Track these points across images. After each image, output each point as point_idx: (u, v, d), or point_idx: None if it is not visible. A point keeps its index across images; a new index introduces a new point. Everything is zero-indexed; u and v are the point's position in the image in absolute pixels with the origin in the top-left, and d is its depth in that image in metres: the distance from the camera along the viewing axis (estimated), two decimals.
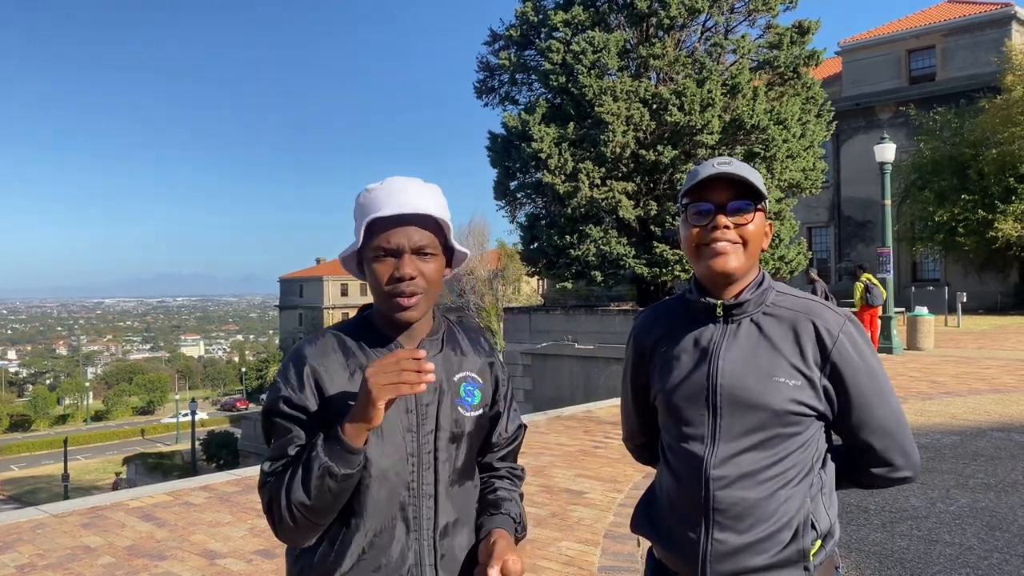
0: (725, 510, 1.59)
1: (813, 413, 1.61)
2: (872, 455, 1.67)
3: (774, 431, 1.59)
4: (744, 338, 1.65)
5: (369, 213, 1.52)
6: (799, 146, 21.02)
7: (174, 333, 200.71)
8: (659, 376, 1.74)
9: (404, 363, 1.40)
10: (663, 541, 1.70)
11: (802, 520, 1.58)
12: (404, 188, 1.54)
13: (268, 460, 1.52)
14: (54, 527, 5.30)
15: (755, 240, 1.64)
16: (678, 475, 1.67)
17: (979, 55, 30.48)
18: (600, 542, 4.81)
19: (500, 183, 23.41)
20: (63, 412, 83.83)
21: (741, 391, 1.61)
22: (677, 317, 1.75)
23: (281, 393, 1.52)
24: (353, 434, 1.42)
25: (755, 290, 1.66)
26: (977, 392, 10.58)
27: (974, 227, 26.24)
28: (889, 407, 1.64)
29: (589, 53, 20.36)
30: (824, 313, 1.64)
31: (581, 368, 21.57)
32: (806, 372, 1.60)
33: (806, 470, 1.61)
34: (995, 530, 4.93)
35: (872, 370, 1.63)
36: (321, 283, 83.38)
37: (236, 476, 6.91)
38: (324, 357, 1.55)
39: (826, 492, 1.65)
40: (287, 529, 1.49)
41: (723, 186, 1.63)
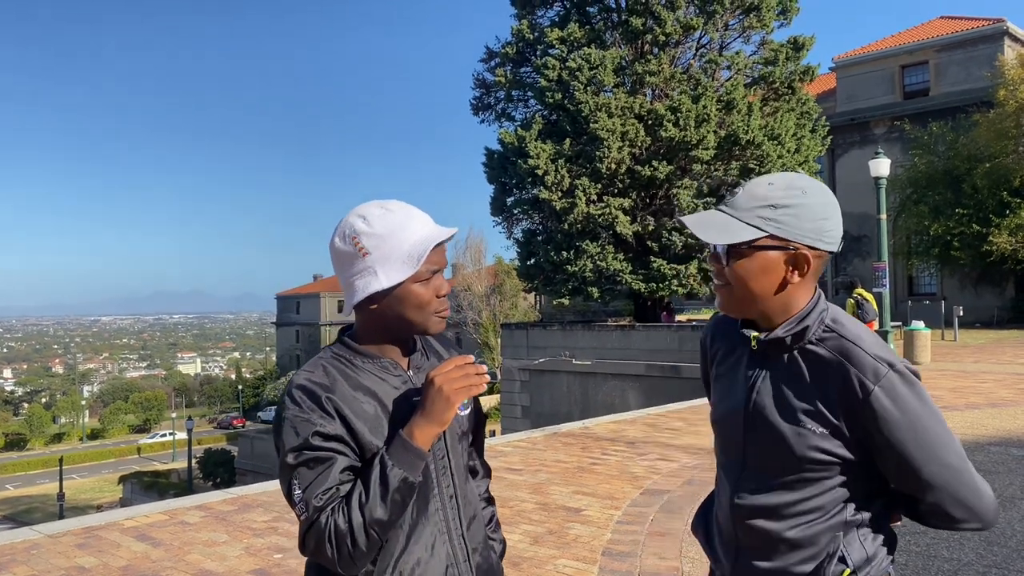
0: (749, 537, 1.60)
1: (839, 462, 1.51)
2: (925, 507, 1.54)
3: (798, 474, 1.54)
4: (778, 375, 1.57)
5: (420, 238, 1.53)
6: (794, 161, 21.13)
7: (170, 351, 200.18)
8: (713, 391, 1.75)
9: (465, 368, 1.48)
10: (710, 553, 1.74)
11: (830, 552, 1.53)
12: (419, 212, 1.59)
13: (318, 494, 1.45)
14: (48, 548, 5.27)
15: (748, 282, 1.54)
16: (719, 493, 1.71)
17: (972, 70, 30.70)
18: (598, 560, 4.79)
19: (497, 199, 23.49)
20: (59, 431, 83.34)
21: (768, 430, 1.56)
22: (732, 334, 1.69)
23: (312, 428, 1.47)
24: (423, 439, 1.47)
25: (793, 325, 1.55)
26: (974, 406, 10.57)
27: (969, 241, 26.33)
28: (939, 462, 1.48)
29: (585, 70, 20.48)
30: (862, 359, 1.49)
31: (578, 384, 21.54)
32: (833, 422, 1.50)
33: (836, 508, 1.54)
34: (993, 545, 4.92)
35: (916, 423, 1.46)
36: (318, 300, 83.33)
37: (233, 495, 6.87)
38: (333, 387, 1.53)
39: (868, 526, 1.57)
40: (359, 555, 1.44)
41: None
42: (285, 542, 5.29)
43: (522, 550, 5.00)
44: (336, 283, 35.37)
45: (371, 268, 1.53)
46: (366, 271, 1.53)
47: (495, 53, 24.14)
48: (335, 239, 1.57)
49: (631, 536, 5.19)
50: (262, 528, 5.67)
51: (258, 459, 42.05)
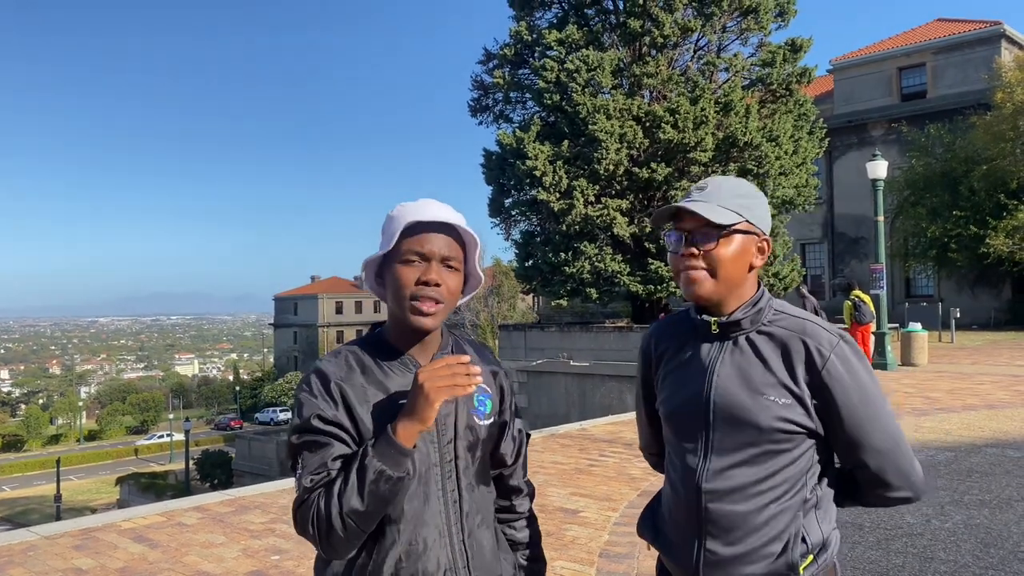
0: (716, 522, 1.63)
1: (803, 431, 1.62)
2: (867, 474, 1.67)
3: (764, 447, 1.62)
4: (739, 356, 1.67)
5: (406, 219, 1.58)
6: (792, 163, 21.15)
7: (168, 352, 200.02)
8: (662, 388, 1.80)
9: (454, 367, 1.48)
10: (663, 547, 1.77)
11: (792, 534, 1.61)
12: (438, 204, 1.63)
13: (308, 475, 1.51)
14: (46, 549, 5.26)
15: (729, 264, 1.64)
16: (676, 486, 1.73)
17: (969, 72, 30.76)
18: (595, 562, 4.79)
19: (495, 200, 23.49)
20: (56, 432, 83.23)
21: (733, 408, 1.64)
22: (682, 332, 1.79)
23: (315, 410, 1.54)
24: (406, 436, 1.48)
25: (749, 308, 1.68)
26: (971, 408, 10.59)
27: (966, 243, 26.36)
28: (883, 428, 1.64)
29: (583, 72, 20.50)
30: (817, 332, 1.64)
31: (576, 385, 21.55)
32: (796, 391, 1.62)
33: (798, 485, 1.64)
34: (990, 547, 4.93)
35: (865, 390, 1.62)
36: (316, 301, 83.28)
37: (230, 496, 6.87)
38: (346, 375, 1.58)
39: (821, 508, 1.67)
40: (336, 540, 1.49)
41: (691, 213, 1.65)
42: (282, 543, 5.29)
43: None
44: (333, 285, 35.69)
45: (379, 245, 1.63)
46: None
47: (493, 55, 24.15)
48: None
49: (628, 538, 5.19)
50: (259, 530, 5.67)
51: (256, 460, 42.00)
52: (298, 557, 4.99)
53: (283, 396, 72.46)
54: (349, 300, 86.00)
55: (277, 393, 73.30)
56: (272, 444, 42.33)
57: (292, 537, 5.44)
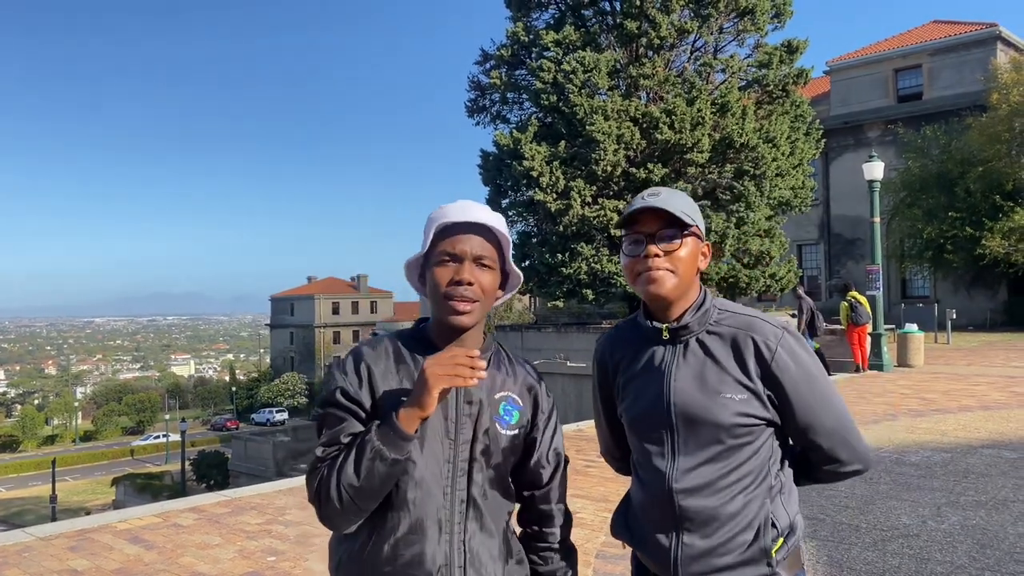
0: (691, 518, 1.71)
1: (761, 422, 1.72)
2: (821, 454, 1.78)
3: (727, 443, 1.70)
4: (692, 358, 1.76)
5: (439, 221, 1.65)
6: (788, 164, 21.17)
7: (164, 352, 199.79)
8: (622, 397, 1.87)
9: (459, 358, 1.53)
10: (639, 545, 1.83)
11: (762, 521, 1.70)
12: (474, 205, 1.69)
13: (321, 446, 1.60)
14: (41, 550, 5.24)
15: (687, 264, 1.74)
16: (647, 487, 1.79)
17: (965, 74, 30.84)
18: (592, 563, 4.79)
19: (492, 201, 23.47)
20: (52, 432, 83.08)
21: (693, 409, 1.72)
22: (634, 340, 1.86)
23: (339, 384, 1.63)
24: (406, 420, 1.53)
25: (696, 312, 1.76)
26: (967, 409, 10.60)
27: (962, 244, 26.42)
28: (831, 408, 1.75)
29: (580, 72, 20.50)
30: (762, 327, 1.74)
31: (573, 386, 21.54)
32: (750, 385, 1.71)
33: (763, 474, 1.73)
34: (986, 548, 4.93)
35: (811, 376, 1.73)
36: (312, 301, 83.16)
37: (226, 497, 6.86)
38: (378, 360, 1.65)
39: (785, 492, 1.77)
40: (332, 511, 1.56)
41: (652, 217, 1.74)
42: (278, 544, 5.28)
43: None
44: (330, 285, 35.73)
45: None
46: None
47: (490, 55, 24.14)
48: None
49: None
50: (255, 531, 5.66)
51: (252, 461, 41.94)
52: (294, 558, 4.98)
53: (279, 397, 72.39)
54: (345, 301, 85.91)
55: (273, 394, 73.23)
56: (268, 445, 42.27)
57: (288, 538, 5.43)
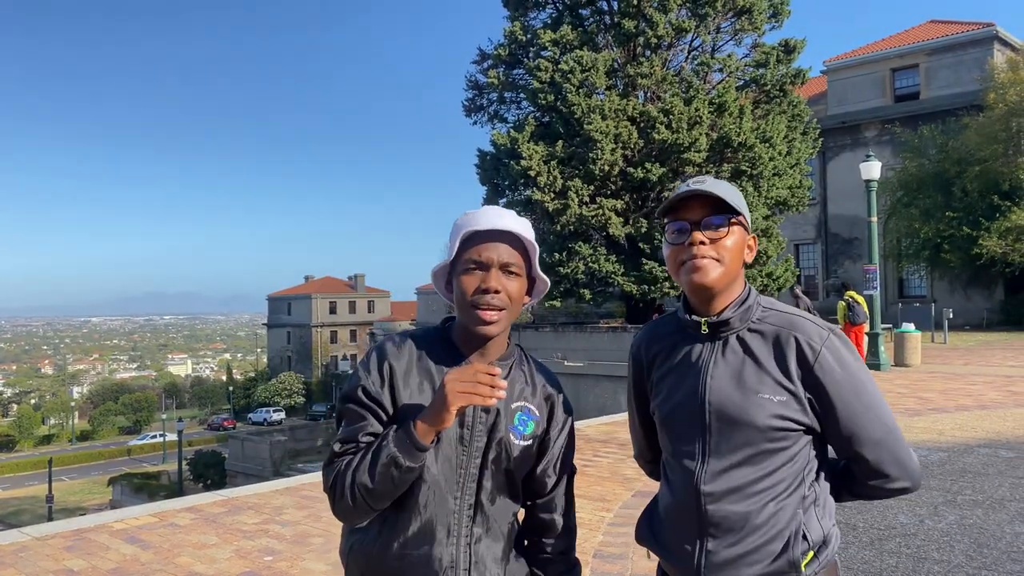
0: (717, 523, 1.62)
1: (800, 428, 1.62)
2: (866, 467, 1.66)
3: (761, 447, 1.61)
4: (731, 355, 1.67)
5: (465, 229, 1.65)
6: (785, 164, 21.19)
7: (161, 352, 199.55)
8: (655, 393, 1.79)
9: (480, 376, 1.52)
10: (663, 552, 1.75)
11: (793, 531, 1.60)
12: (500, 212, 1.68)
13: (339, 442, 1.63)
14: (37, 550, 5.23)
15: (733, 254, 1.66)
16: (674, 489, 1.71)
17: (962, 74, 30.88)
18: (589, 562, 4.79)
19: (489, 200, 23.47)
20: (48, 432, 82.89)
21: (729, 408, 1.63)
22: (672, 335, 1.78)
23: (362, 382, 1.64)
24: (424, 432, 1.54)
25: (738, 307, 1.68)
26: (964, 408, 10.62)
27: (959, 244, 26.45)
28: (878, 419, 1.64)
29: (577, 72, 20.50)
30: (807, 327, 1.65)
31: (570, 386, 21.54)
32: (790, 387, 1.62)
33: (796, 483, 1.63)
34: (983, 547, 4.93)
35: (857, 382, 1.63)
36: (309, 301, 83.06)
37: (223, 496, 6.84)
38: (400, 359, 1.66)
39: (820, 504, 1.66)
40: (345, 507, 1.59)
41: (698, 204, 1.65)
42: (275, 544, 5.27)
43: None
44: (327, 285, 35.81)
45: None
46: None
47: (488, 55, 24.14)
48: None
49: (622, 538, 5.18)
50: (252, 530, 5.64)
51: (249, 461, 41.89)
52: (291, 558, 4.97)
53: (276, 396, 72.31)
54: (343, 300, 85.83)
55: (270, 393, 73.13)
56: (266, 444, 42.23)
57: (285, 538, 5.42)
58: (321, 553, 5.01)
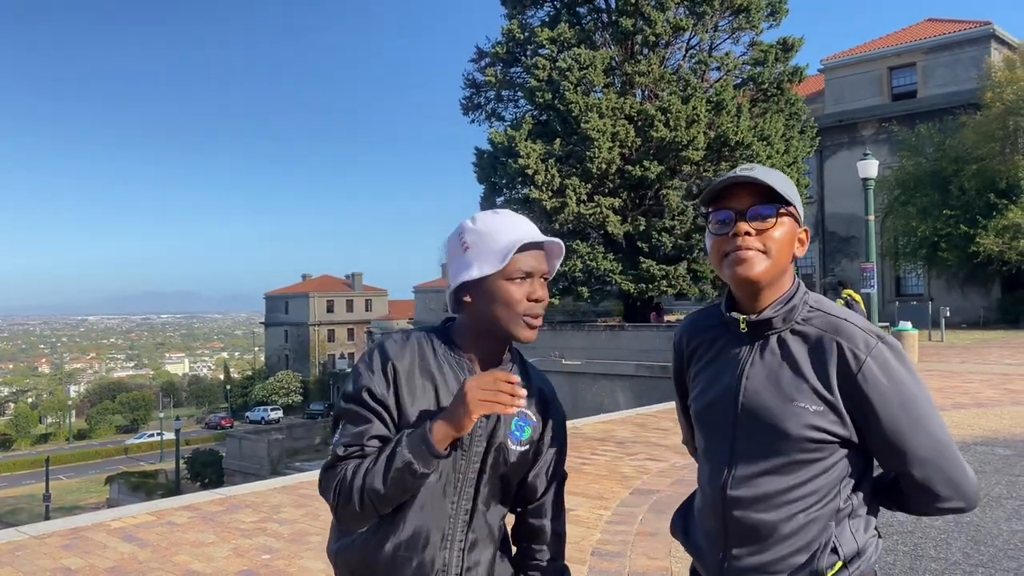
0: (741, 530, 1.57)
1: (836, 440, 1.53)
2: (913, 483, 1.56)
3: (793, 456, 1.53)
4: (769, 357, 1.58)
5: (514, 238, 1.61)
6: (783, 162, 21.21)
7: (158, 350, 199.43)
8: (693, 386, 1.72)
9: (501, 384, 1.51)
10: (693, 550, 1.71)
11: (822, 544, 1.53)
12: (526, 220, 1.68)
13: (343, 445, 1.59)
14: (34, 549, 5.22)
15: (782, 247, 1.55)
16: (703, 489, 1.67)
17: (959, 72, 30.92)
18: (587, 560, 4.79)
19: (487, 198, 23.48)
20: (45, 431, 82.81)
21: (762, 414, 1.55)
22: (713, 328, 1.70)
23: (366, 383, 1.60)
24: (441, 437, 1.52)
25: (781, 306, 1.58)
26: (961, 406, 10.64)
27: (956, 242, 26.48)
28: (927, 434, 1.52)
29: (575, 70, 20.50)
30: (853, 332, 1.53)
31: (568, 384, 21.55)
32: (828, 398, 1.51)
33: (831, 494, 1.54)
34: (980, 544, 4.94)
35: (906, 394, 1.51)
36: (307, 300, 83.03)
37: (221, 495, 6.84)
38: (403, 359, 1.63)
39: (856, 516, 1.57)
40: (351, 512, 1.57)
41: (744, 192, 1.55)
42: (273, 543, 5.27)
43: None
44: (324, 283, 35.96)
45: (469, 261, 1.64)
46: (465, 264, 1.64)
47: (485, 53, 24.13)
48: (449, 238, 1.70)
49: (620, 536, 5.18)
50: (250, 529, 5.64)
51: (246, 459, 41.88)
52: (289, 556, 4.97)
53: (274, 395, 72.31)
54: (340, 299, 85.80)
55: (268, 392, 73.13)
56: (263, 443, 42.23)
57: (283, 536, 5.42)
58: (319, 551, 5.01)
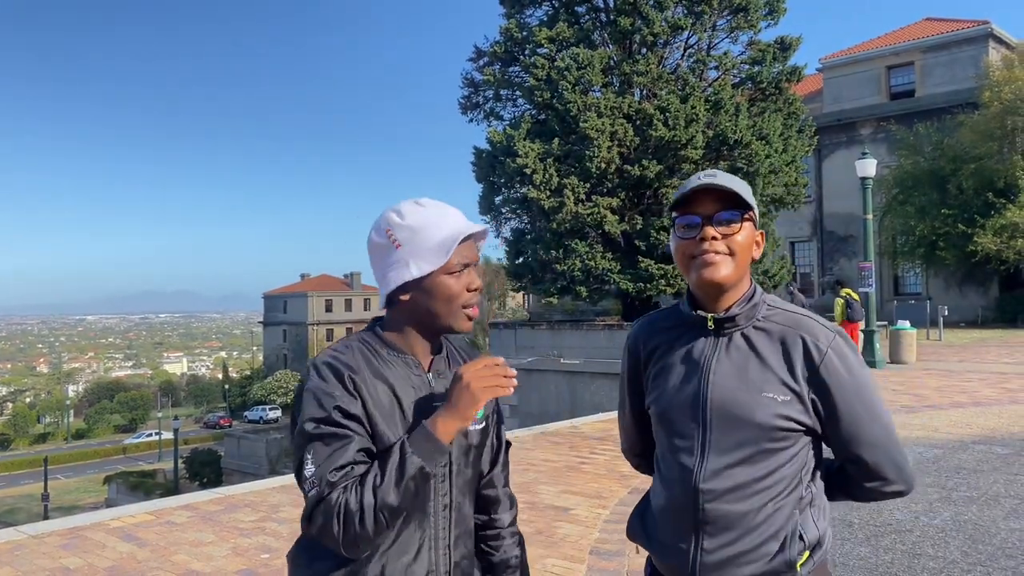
0: (714, 522, 1.61)
1: (801, 428, 1.61)
2: (863, 469, 1.67)
3: (762, 445, 1.60)
4: (735, 352, 1.65)
5: (451, 232, 1.57)
6: (781, 161, 21.21)
7: (157, 350, 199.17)
8: (653, 387, 1.75)
9: (494, 368, 1.51)
10: (656, 549, 1.72)
11: (790, 532, 1.60)
12: (452, 208, 1.62)
13: (332, 471, 1.45)
14: (33, 548, 5.22)
15: (744, 250, 1.64)
16: (669, 486, 1.68)
17: (957, 72, 30.94)
18: (586, 559, 4.80)
19: (485, 198, 23.46)
20: (43, 430, 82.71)
21: (731, 405, 1.62)
22: (671, 328, 1.76)
23: (335, 402, 1.49)
24: (445, 433, 1.48)
25: (745, 304, 1.66)
26: (959, 405, 10.65)
27: (954, 241, 26.51)
28: (879, 422, 1.64)
29: (573, 69, 20.49)
30: (814, 328, 1.64)
31: (567, 383, 21.55)
32: (794, 387, 1.61)
33: (794, 483, 1.62)
34: (978, 543, 4.95)
35: (861, 385, 1.63)
36: (305, 299, 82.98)
37: (219, 495, 6.85)
38: (356, 368, 1.55)
39: (816, 504, 1.66)
40: (364, 536, 1.44)
41: (710, 198, 1.63)
42: (272, 542, 5.27)
43: None
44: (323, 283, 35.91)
45: (403, 259, 1.57)
46: (399, 262, 1.57)
47: (483, 52, 24.10)
48: (371, 233, 1.62)
49: (619, 535, 5.19)
50: (249, 528, 5.65)
51: (245, 459, 41.88)
52: (287, 557, 4.97)
53: (272, 394, 72.20)
54: (339, 298, 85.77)
55: (266, 391, 73.04)
56: (262, 442, 42.22)
57: (282, 535, 5.42)
58: None
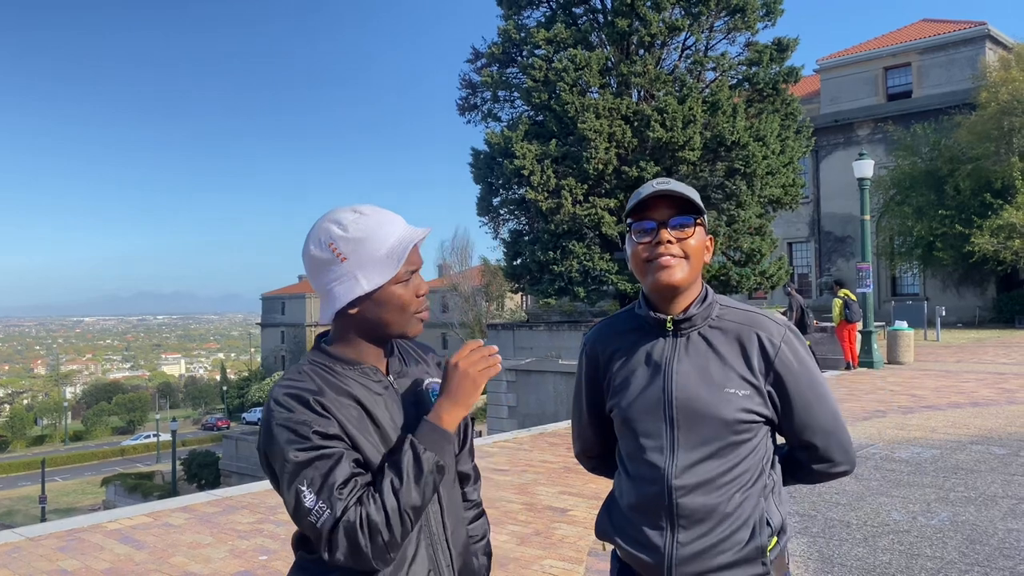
0: (688, 515, 1.67)
1: (761, 419, 1.71)
2: (814, 453, 1.79)
3: (728, 439, 1.68)
4: (694, 352, 1.73)
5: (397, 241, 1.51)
6: (779, 162, 21.23)
7: (155, 351, 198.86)
8: (614, 391, 1.81)
9: (481, 351, 1.53)
10: (629, 545, 1.76)
11: (758, 519, 1.68)
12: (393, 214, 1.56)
13: (338, 492, 1.40)
14: (30, 551, 5.22)
15: (697, 253, 1.72)
16: (639, 484, 1.73)
17: (954, 73, 31.00)
18: (584, 560, 4.80)
19: (483, 199, 23.46)
20: (41, 432, 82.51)
21: (696, 403, 1.68)
22: (629, 332, 1.82)
23: (312, 428, 1.42)
24: (451, 423, 1.50)
25: (700, 305, 1.74)
26: (957, 405, 10.66)
27: (952, 242, 26.56)
28: (828, 409, 1.76)
29: (571, 71, 20.50)
30: (766, 324, 1.74)
31: (565, 384, 21.55)
32: (753, 381, 1.70)
33: (758, 473, 1.71)
34: (976, 544, 4.96)
35: (811, 375, 1.74)
36: (303, 300, 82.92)
37: (217, 496, 6.84)
38: (321, 390, 1.49)
39: (776, 491, 1.76)
40: (392, 544, 1.41)
41: (664, 204, 1.71)
42: (270, 543, 5.27)
43: (508, 551, 5.00)
44: None
45: (351, 273, 1.50)
46: (345, 276, 1.50)
47: (481, 53, 24.11)
48: (310, 246, 1.53)
49: None
50: (247, 530, 5.64)
51: (243, 460, 41.82)
52: (286, 557, 4.97)
53: None
54: None
55: (264, 393, 72.98)
56: None
57: (280, 537, 5.41)
58: None
